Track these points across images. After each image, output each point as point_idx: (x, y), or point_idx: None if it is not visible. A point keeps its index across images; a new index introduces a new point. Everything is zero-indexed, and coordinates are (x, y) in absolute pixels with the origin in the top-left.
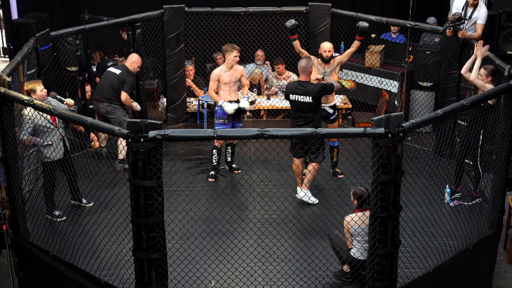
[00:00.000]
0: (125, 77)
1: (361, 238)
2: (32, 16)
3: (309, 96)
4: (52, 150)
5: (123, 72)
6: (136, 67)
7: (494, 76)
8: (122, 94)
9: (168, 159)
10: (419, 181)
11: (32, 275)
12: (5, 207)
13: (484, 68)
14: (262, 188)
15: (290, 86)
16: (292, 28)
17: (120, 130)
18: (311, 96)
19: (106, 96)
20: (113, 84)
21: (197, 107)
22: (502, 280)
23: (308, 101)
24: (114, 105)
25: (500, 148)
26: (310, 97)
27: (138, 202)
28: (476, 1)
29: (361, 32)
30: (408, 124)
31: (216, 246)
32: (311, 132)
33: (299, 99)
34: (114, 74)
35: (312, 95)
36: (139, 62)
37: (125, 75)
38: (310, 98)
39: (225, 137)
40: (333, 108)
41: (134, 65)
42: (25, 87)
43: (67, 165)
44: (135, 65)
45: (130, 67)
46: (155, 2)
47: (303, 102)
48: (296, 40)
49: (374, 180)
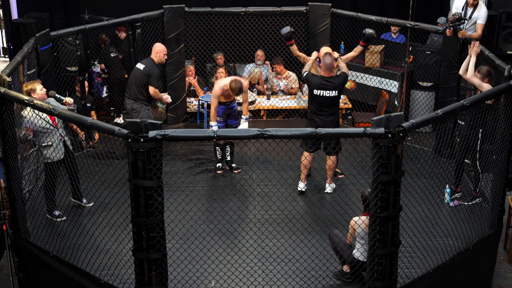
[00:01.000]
0: (150, 71)
1: (364, 241)
2: (32, 16)
3: (336, 90)
4: (52, 151)
5: (148, 65)
6: (162, 57)
7: (490, 77)
8: (149, 88)
9: (168, 159)
10: (419, 181)
11: (32, 275)
12: (5, 207)
13: (478, 71)
14: (262, 188)
15: (315, 81)
16: (288, 35)
17: (120, 130)
18: (338, 89)
19: (132, 94)
20: (138, 81)
21: (197, 107)
22: (502, 280)
23: (334, 95)
24: (139, 103)
25: (500, 148)
26: (336, 91)
27: (138, 202)
28: (476, 1)
29: (366, 39)
30: (408, 124)
31: (216, 246)
32: (311, 132)
33: (325, 94)
34: (139, 70)
35: (339, 88)
36: (164, 51)
37: (149, 68)
38: (337, 92)
39: (225, 137)
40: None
41: (160, 55)
42: (25, 88)
43: (67, 164)
44: (160, 55)
45: (156, 58)
46: (155, 2)
47: (329, 97)
48: (293, 45)
49: (374, 180)
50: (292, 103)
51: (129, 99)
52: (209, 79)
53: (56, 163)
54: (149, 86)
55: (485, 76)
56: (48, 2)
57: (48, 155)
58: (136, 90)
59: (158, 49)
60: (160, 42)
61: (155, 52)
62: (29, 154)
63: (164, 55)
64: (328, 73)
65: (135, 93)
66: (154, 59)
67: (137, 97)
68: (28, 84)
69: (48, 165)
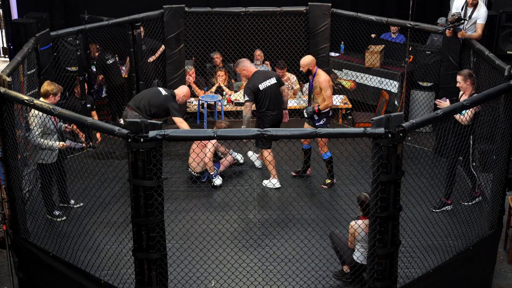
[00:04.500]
0: (171, 102)
1: (365, 243)
2: (32, 16)
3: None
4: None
5: (169, 96)
6: (184, 100)
7: (472, 78)
8: (175, 120)
9: (168, 159)
10: (419, 181)
11: (32, 275)
12: (5, 207)
13: (459, 74)
14: (262, 188)
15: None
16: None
17: (120, 130)
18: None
19: (138, 106)
20: (156, 102)
21: (197, 107)
22: (502, 280)
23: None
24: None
25: (500, 148)
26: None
27: (138, 202)
28: (476, 1)
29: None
30: (408, 124)
31: (216, 246)
32: (311, 132)
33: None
34: (160, 92)
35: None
36: (188, 97)
37: (171, 99)
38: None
39: (225, 137)
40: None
41: (184, 99)
42: (48, 87)
43: (58, 168)
44: (185, 99)
45: (180, 99)
46: (155, 2)
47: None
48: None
49: (374, 180)
50: (292, 103)
51: (134, 111)
52: (209, 79)
53: (49, 165)
54: (173, 117)
55: (466, 78)
56: (48, 2)
57: (43, 156)
58: (142, 105)
59: (185, 93)
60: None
61: (182, 93)
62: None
63: (186, 100)
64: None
65: (141, 107)
66: (177, 97)
67: (141, 111)
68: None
69: (41, 166)
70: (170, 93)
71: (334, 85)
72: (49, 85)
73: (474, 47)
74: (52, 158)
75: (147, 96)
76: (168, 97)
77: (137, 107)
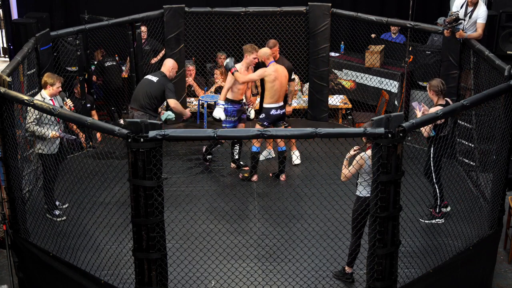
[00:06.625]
0: (165, 83)
1: (367, 175)
2: (32, 16)
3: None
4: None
5: (161, 79)
6: (174, 73)
7: (435, 89)
8: (170, 101)
9: (168, 159)
10: (419, 181)
11: (32, 275)
12: (5, 207)
13: (429, 83)
14: (262, 188)
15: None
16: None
17: (120, 130)
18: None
19: (142, 105)
20: (152, 92)
21: (197, 107)
22: (502, 280)
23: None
24: (149, 115)
25: (500, 148)
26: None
27: (138, 202)
28: (476, 0)
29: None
30: (408, 124)
31: (216, 246)
32: (311, 132)
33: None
34: (151, 82)
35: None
36: (176, 67)
37: (164, 81)
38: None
39: (225, 137)
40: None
41: (174, 71)
42: (46, 78)
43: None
44: (174, 71)
45: (169, 73)
46: (155, 2)
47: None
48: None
49: (374, 180)
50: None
51: (138, 110)
52: (209, 79)
53: (50, 156)
54: (168, 99)
55: (430, 88)
56: (48, 2)
57: (43, 146)
58: (145, 102)
59: (172, 66)
60: (170, 58)
61: (169, 67)
62: (29, 154)
63: (176, 72)
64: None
65: (144, 105)
66: (167, 74)
67: (147, 109)
68: (50, 77)
69: (42, 156)
70: (160, 74)
71: (334, 85)
72: (47, 76)
73: (474, 47)
74: (53, 150)
75: (143, 91)
76: (160, 80)
77: (141, 106)
